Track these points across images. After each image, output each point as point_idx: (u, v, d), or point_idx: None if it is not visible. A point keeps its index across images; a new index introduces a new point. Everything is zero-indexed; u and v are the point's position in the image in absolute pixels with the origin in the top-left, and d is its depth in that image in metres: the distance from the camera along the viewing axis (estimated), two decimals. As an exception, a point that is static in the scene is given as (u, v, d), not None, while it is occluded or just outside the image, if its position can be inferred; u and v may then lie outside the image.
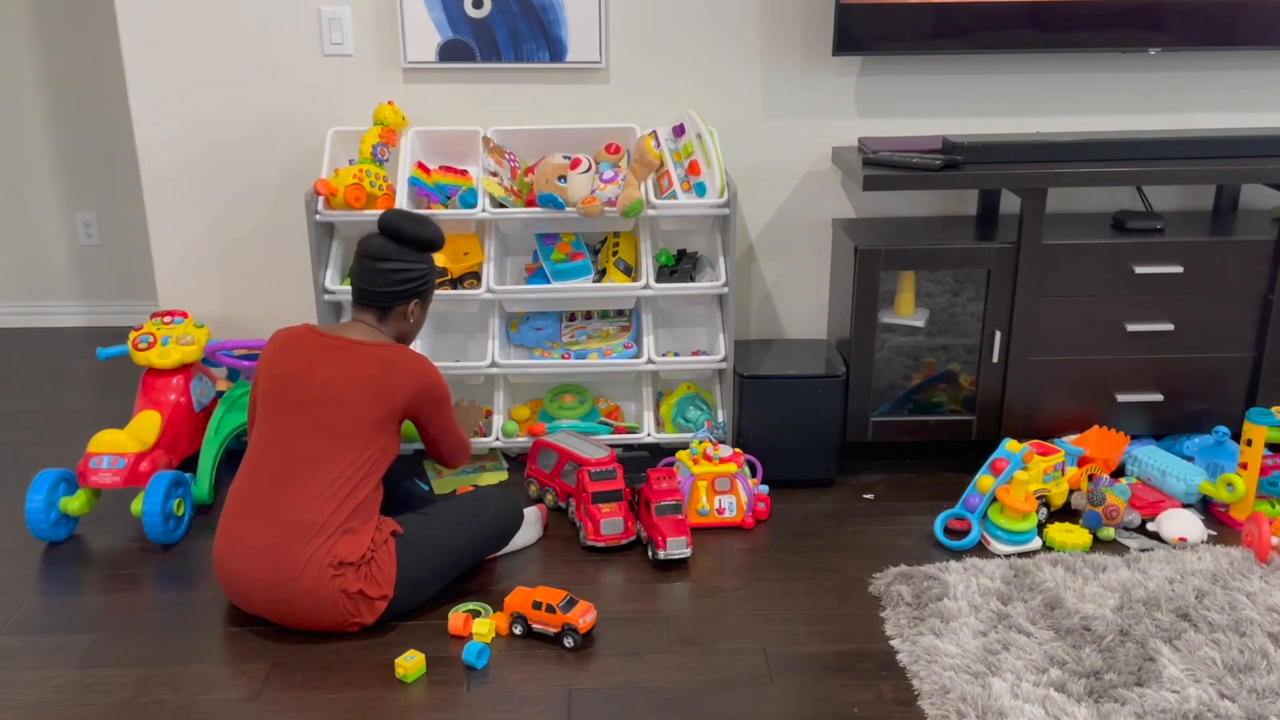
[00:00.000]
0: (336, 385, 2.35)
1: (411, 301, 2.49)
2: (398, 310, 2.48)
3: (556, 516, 2.86)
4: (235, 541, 2.31)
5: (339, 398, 2.34)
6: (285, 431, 2.35)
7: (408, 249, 2.46)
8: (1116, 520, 2.73)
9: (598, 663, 2.26)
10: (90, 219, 4.16)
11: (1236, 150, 2.93)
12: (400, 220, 2.45)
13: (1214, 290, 2.94)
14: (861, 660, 2.27)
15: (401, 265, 2.44)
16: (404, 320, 2.50)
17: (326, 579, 2.24)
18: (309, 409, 2.34)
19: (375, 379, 2.36)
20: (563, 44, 3.09)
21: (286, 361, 2.40)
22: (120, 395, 3.56)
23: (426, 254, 2.50)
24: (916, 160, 2.85)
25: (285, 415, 2.35)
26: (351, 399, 2.34)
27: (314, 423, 2.33)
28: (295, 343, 2.43)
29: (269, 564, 2.26)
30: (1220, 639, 2.27)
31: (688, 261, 3.12)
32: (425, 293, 2.52)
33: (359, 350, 2.39)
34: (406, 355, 2.42)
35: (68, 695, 2.16)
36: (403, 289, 2.46)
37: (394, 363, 2.39)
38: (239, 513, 2.33)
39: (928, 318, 3.14)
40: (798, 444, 2.98)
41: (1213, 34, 3.03)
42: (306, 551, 2.24)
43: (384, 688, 2.18)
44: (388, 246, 2.45)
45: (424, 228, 2.46)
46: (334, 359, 2.38)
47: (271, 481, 2.31)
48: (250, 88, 3.13)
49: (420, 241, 2.46)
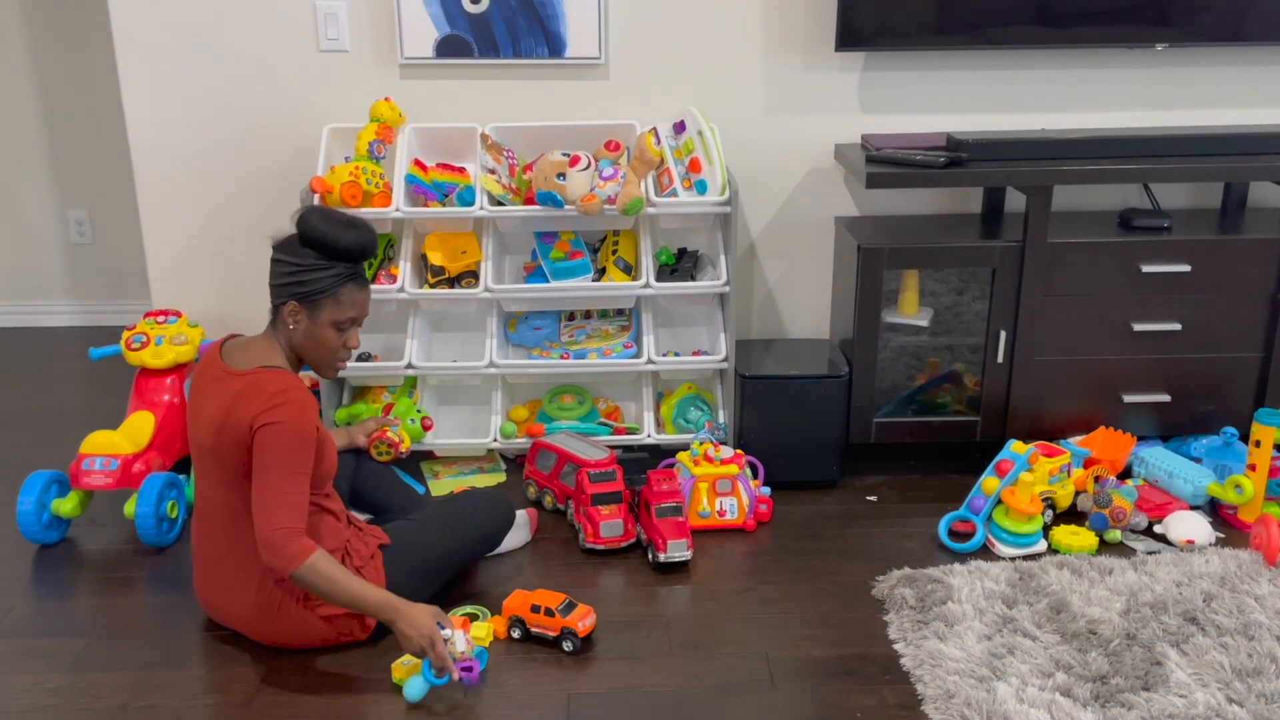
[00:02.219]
0: (208, 427, 2.16)
1: (289, 302, 2.19)
2: (281, 313, 2.21)
3: (555, 518, 2.86)
4: (209, 581, 2.30)
5: (212, 445, 2.16)
6: (203, 478, 2.24)
7: (295, 242, 2.19)
8: (1123, 522, 2.73)
9: (597, 667, 2.26)
10: (83, 217, 4.17)
11: (1245, 147, 2.94)
12: (309, 214, 2.18)
13: (1222, 289, 2.94)
14: (865, 664, 2.26)
15: (281, 256, 2.18)
16: (287, 327, 2.21)
17: (305, 611, 2.23)
18: (203, 458, 2.22)
19: (228, 417, 2.13)
20: (561, 39, 3.08)
21: (193, 393, 2.25)
22: (113, 396, 3.56)
23: (308, 250, 2.18)
24: (920, 157, 2.85)
25: (197, 461, 2.25)
26: (220, 446, 2.15)
27: (210, 473, 2.20)
28: (201, 370, 2.25)
29: (243, 602, 2.24)
30: (1228, 643, 2.27)
31: (688, 260, 3.12)
32: (306, 296, 2.18)
33: (227, 382, 2.16)
34: (264, 383, 2.13)
35: (60, 700, 2.16)
36: (278, 284, 2.18)
37: (244, 392, 2.13)
38: (203, 557, 2.30)
39: (932, 317, 3.14)
40: (800, 445, 2.97)
41: (1221, 29, 3.03)
42: (277, 591, 2.22)
43: (380, 692, 2.17)
44: (285, 239, 2.21)
45: (322, 222, 2.16)
46: (213, 394, 2.18)
47: (215, 529, 2.25)
48: (245, 84, 3.13)
49: (307, 239, 2.16)
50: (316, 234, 2.16)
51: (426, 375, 3.09)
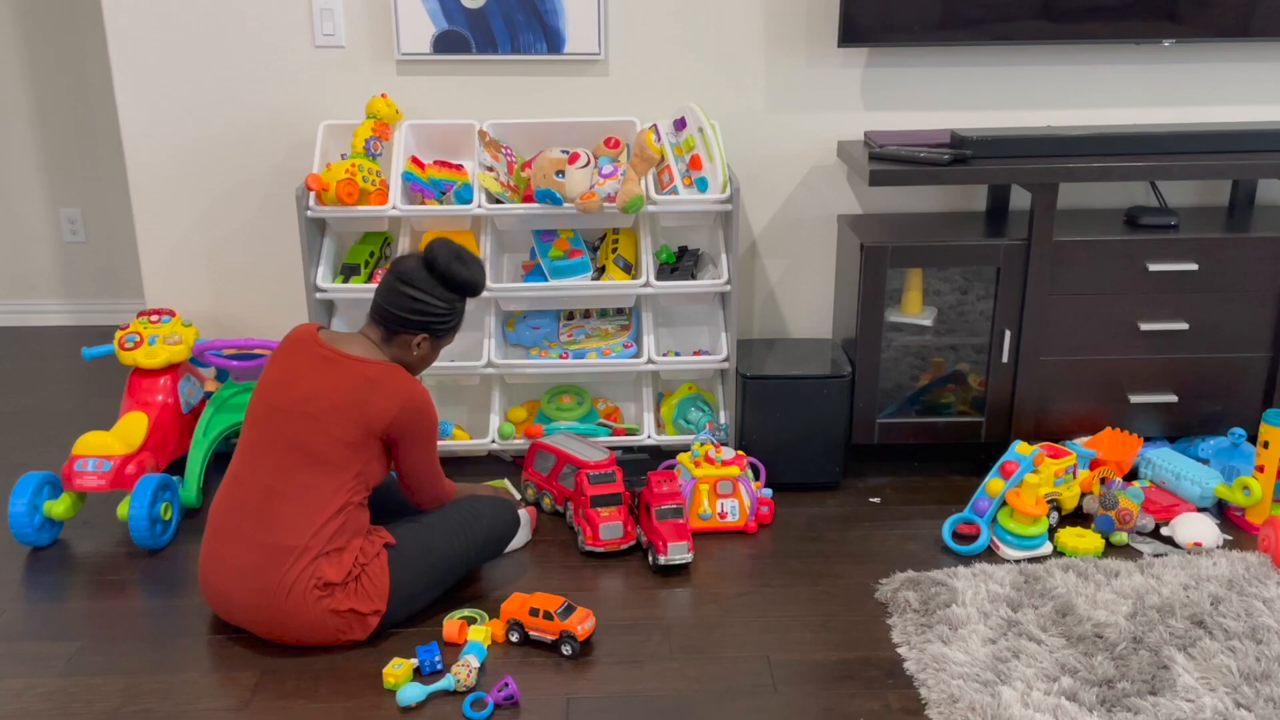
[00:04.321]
0: (314, 400, 2.28)
1: (420, 335, 2.39)
2: (403, 338, 2.38)
3: (554, 520, 2.85)
4: (218, 561, 2.30)
5: (314, 413, 2.27)
6: (264, 445, 2.30)
7: (438, 284, 2.37)
8: (1129, 524, 2.72)
9: (597, 671, 2.25)
10: (75, 215, 4.17)
11: (1253, 144, 2.94)
12: (443, 252, 2.36)
13: (1230, 288, 2.94)
14: (868, 668, 2.26)
15: (423, 296, 2.35)
16: (408, 350, 2.40)
17: (313, 600, 2.23)
18: (286, 422, 2.28)
19: (354, 397, 2.28)
20: (561, 35, 3.08)
21: (278, 366, 2.35)
22: (106, 396, 3.56)
23: (456, 295, 2.40)
24: (924, 154, 2.85)
25: (264, 426, 2.31)
26: (327, 416, 2.27)
27: (290, 439, 2.27)
28: (292, 347, 2.36)
29: (253, 586, 2.25)
30: (1236, 646, 2.26)
31: (689, 259, 3.11)
32: (440, 332, 2.41)
33: (346, 365, 2.31)
34: (394, 376, 2.33)
35: (52, 704, 2.15)
36: (415, 319, 2.36)
37: (378, 382, 2.30)
38: (221, 530, 2.31)
39: (935, 316, 3.14)
40: (802, 446, 2.97)
41: (1228, 24, 3.03)
42: (290, 574, 2.23)
43: (376, 696, 2.17)
44: (419, 274, 2.36)
45: (465, 268, 2.37)
46: (320, 371, 2.30)
47: (251, 500, 2.28)
48: (239, 80, 3.13)
49: (453, 280, 2.37)
50: (463, 278, 2.37)
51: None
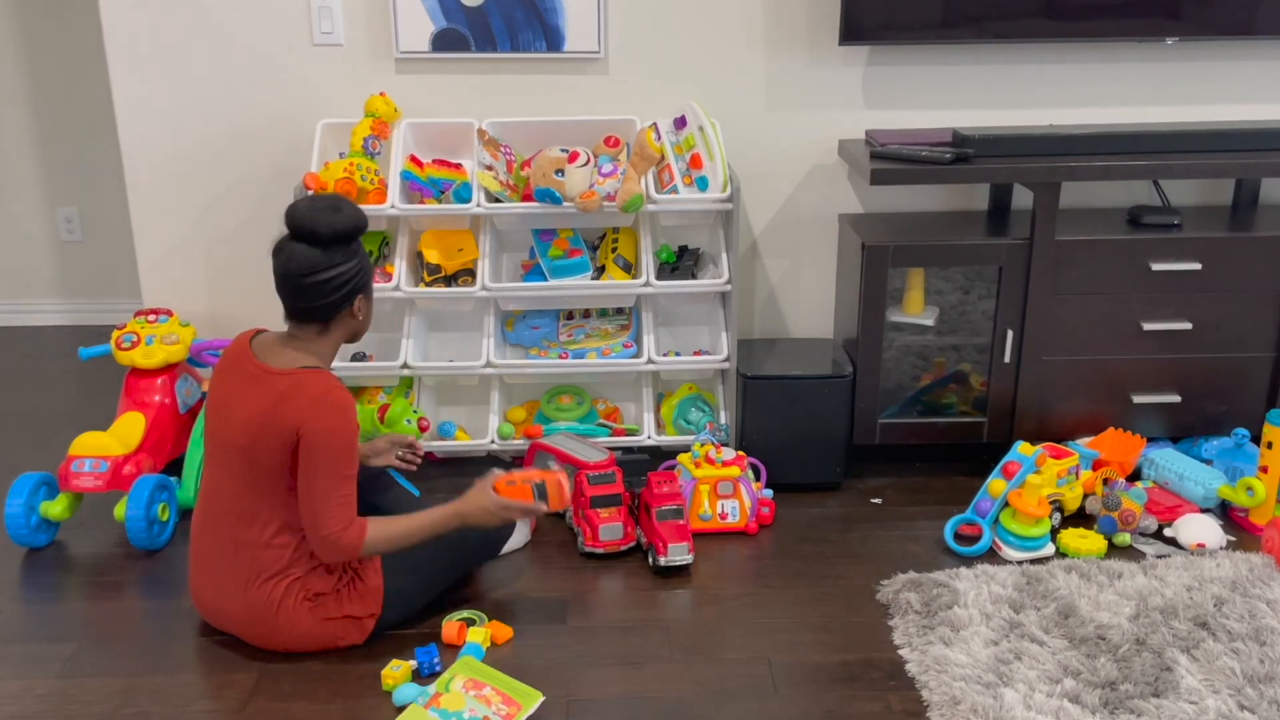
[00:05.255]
0: (244, 426, 2.14)
1: (355, 300, 2.21)
2: (340, 318, 2.21)
3: (554, 521, 2.85)
4: (206, 580, 2.28)
5: (247, 444, 2.14)
6: (218, 477, 2.22)
7: (334, 250, 2.15)
8: (1132, 525, 2.72)
9: (597, 673, 2.25)
10: (72, 214, 4.16)
11: (1256, 143, 2.94)
12: (316, 217, 2.12)
13: (1233, 288, 2.94)
14: (869, 670, 2.26)
15: (333, 272, 2.14)
16: (353, 320, 2.24)
17: (305, 611, 2.22)
18: (225, 455, 2.19)
19: (268, 417, 2.12)
20: (560, 33, 3.07)
21: (219, 387, 2.23)
22: (103, 396, 3.55)
23: (353, 244, 2.18)
24: (926, 153, 2.85)
25: (215, 457, 2.23)
26: (258, 445, 2.13)
27: (230, 471, 2.19)
28: (229, 364, 2.22)
29: (241, 602, 2.22)
30: (1240, 648, 2.26)
31: (689, 258, 3.11)
32: (367, 283, 2.22)
33: (267, 381, 2.15)
34: (307, 384, 2.12)
35: (49, 706, 2.15)
36: (341, 294, 2.17)
37: (287, 395, 2.11)
38: (201, 557, 2.28)
39: (937, 316, 3.13)
40: (803, 447, 2.96)
41: (1232, 22, 3.03)
42: (277, 591, 2.21)
43: (374, 698, 2.17)
44: (312, 255, 2.12)
45: (342, 217, 2.13)
46: (252, 393, 2.15)
47: (219, 526, 2.23)
48: (237, 78, 3.12)
49: (344, 235, 2.14)
50: (348, 224, 2.14)
51: (423, 375, 3.08)
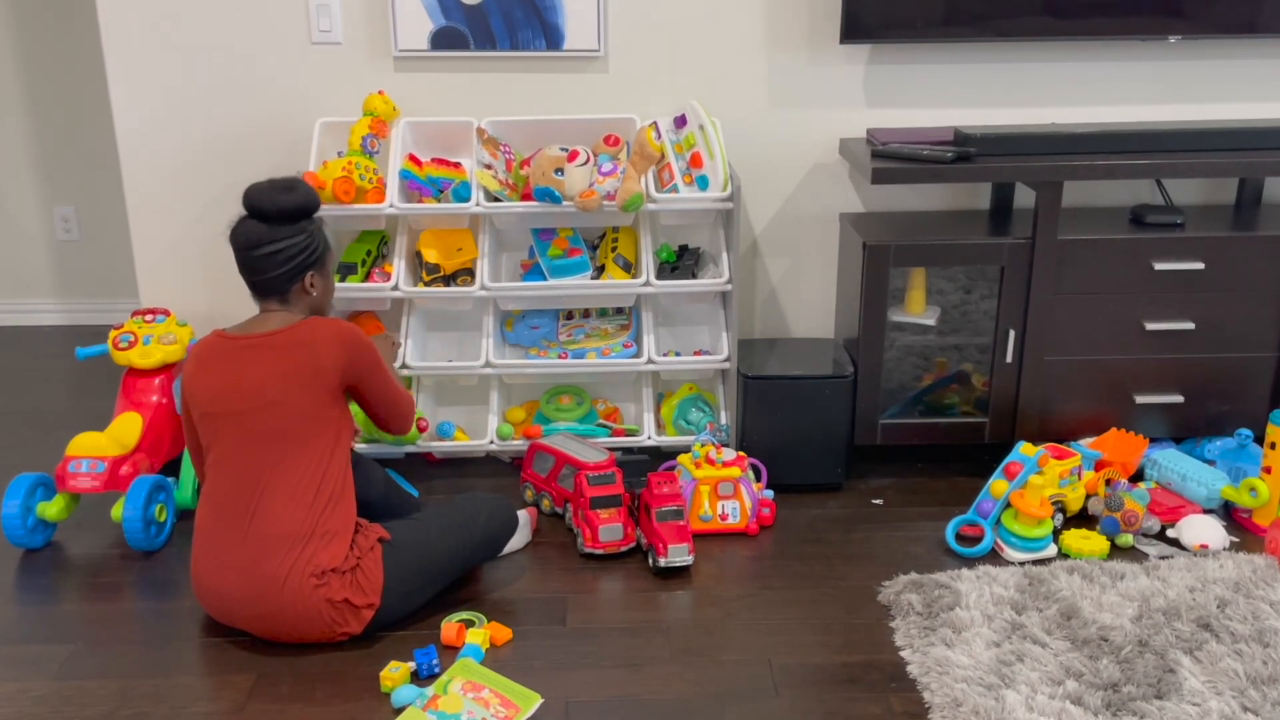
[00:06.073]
0: (268, 386, 2.27)
1: (306, 275, 2.36)
2: (296, 290, 2.37)
3: (553, 522, 2.84)
4: (210, 561, 2.30)
5: (274, 399, 2.27)
6: (234, 449, 2.29)
7: (279, 225, 2.32)
8: (1135, 526, 2.71)
9: (596, 674, 2.25)
10: (69, 213, 4.17)
11: (1260, 142, 2.93)
12: (265, 196, 2.31)
13: (1237, 287, 2.93)
14: (870, 672, 2.25)
15: (278, 245, 2.31)
16: (308, 297, 2.39)
17: (309, 589, 2.23)
18: (250, 419, 2.28)
19: (301, 366, 2.28)
20: (560, 31, 3.07)
21: (211, 377, 2.32)
22: (100, 396, 3.56)
23: (301, 222, 2.35)
24: (927, 152, 2.85)
25: (230, 432, 2.30)
26: (287, 396, 2.27)
27: (259, 431, 2.27)
28: (212, 356, 2.34)
29: (247, 580, 2.24)
30: (1243, 650, 2.25)
31: (689, 257, 3.11)
32: (318, 262, 2.38)
33: (276, 341, 2.30)
34: (323, 328, 2.32)
35: (45, 708, 2.14)
36: (291, 267, 2.33)
37: (313, 342, 2.30)
38: (210, 532, 2.31)
39: (939, 316, 3.13)
40: (804, 447, 2.96)
41: (1235, 21, 3.03)
42: (285, 564, 2.23)
43: (373, 699, 2.16)
44: (257, 229, 2.31)
45: (286, 195, 2.31)
46: (256, 360, 2.29)
47: (234, 501, 2.27)
48: (235, 77, 3.12)
49: (286, 213, 2.32)
50: (299, 202, 2.33)
51: (421, 375, 3.07)
